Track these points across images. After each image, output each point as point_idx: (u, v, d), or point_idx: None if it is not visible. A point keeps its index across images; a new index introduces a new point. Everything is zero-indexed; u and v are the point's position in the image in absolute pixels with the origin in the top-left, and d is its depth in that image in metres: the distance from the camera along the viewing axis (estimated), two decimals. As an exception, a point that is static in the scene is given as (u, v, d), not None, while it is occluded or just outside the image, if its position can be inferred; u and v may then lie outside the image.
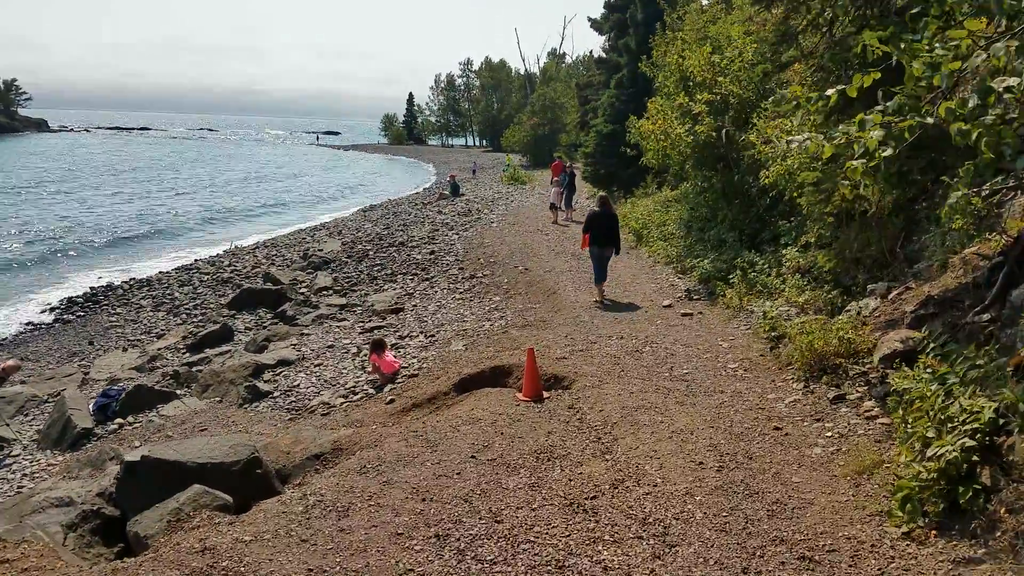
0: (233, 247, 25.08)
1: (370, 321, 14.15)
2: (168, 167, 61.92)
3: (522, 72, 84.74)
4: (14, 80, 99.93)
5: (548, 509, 4.65)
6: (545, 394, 7.50)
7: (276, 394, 10.87)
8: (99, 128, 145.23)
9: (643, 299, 12.37)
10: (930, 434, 4.04)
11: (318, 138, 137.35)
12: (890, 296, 8.20)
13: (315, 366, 11.86)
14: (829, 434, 5.70)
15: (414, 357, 11.21)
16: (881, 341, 6.97)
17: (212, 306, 17.55)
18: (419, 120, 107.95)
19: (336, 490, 4.93)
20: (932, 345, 4.81)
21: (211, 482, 5.53)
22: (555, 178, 24.64)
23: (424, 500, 4.75)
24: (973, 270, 7.28)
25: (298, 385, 11.07)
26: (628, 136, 17.44)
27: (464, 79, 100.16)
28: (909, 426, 4.48)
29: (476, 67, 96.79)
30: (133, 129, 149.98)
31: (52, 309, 18.39)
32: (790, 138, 3.71)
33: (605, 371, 8.34)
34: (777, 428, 5.99)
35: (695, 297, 12.05)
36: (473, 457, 5.48)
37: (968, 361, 4.34)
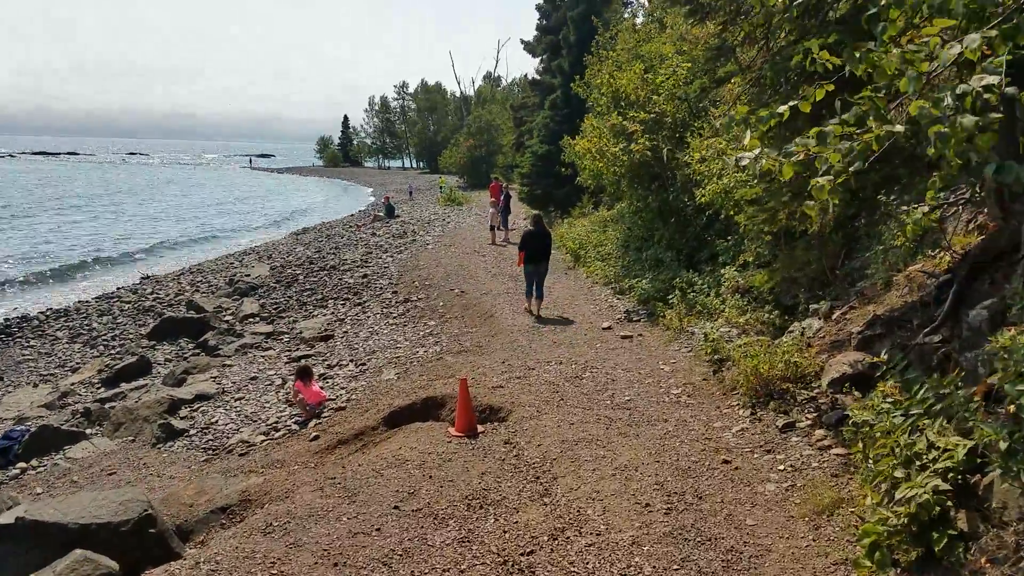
0: (149, 276, 23.74)
1: (297, 349, 13.36)
2: (95, 194, 59.06)
3: (458, 95, 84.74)
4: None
5: (479, 570, 4.09)
6: (480, 428, 6.95)
7: (192, 432, 10.00)
8: (23, 153, 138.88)
9: (582, 321, 11.98)
10: (897, 473, 3.67)
11: (251, 161, 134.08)
12: (834, 316, 7.99)
13: (236, 400, 11.01)
14: (782, 467, 5.32)
15: (342, 388, 10.51)
16: (829, 364, 6.69)
17: (132, 337, 16.37)
18: (355, 142, 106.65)
19: (235, 555, 4.26)
20: (890, 372, 4.49)
21: (97, 545, 4.76)
22: (492, 199, 24.29)
23: (336, 565, 4.13)
24: (919, 288, 7.10)
25: (216, 422, 10.23)
26: (563, 156, 17.20)
27: (400, 101, 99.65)
28: (871, 462, 4.12)
29: (412, 90, 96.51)
30: (60, 154, 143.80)
31: (-40, 343, 16.82)
32: (740, 155, 3.27)
33: (544, 400, 7.85)
34: (726, 461, 5.58)
35: (634, 318, 11.73)
36: (396, 508, 4.87)
37: (932, 390, 4.01)
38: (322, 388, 9.99)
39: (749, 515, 4.64)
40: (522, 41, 29.86)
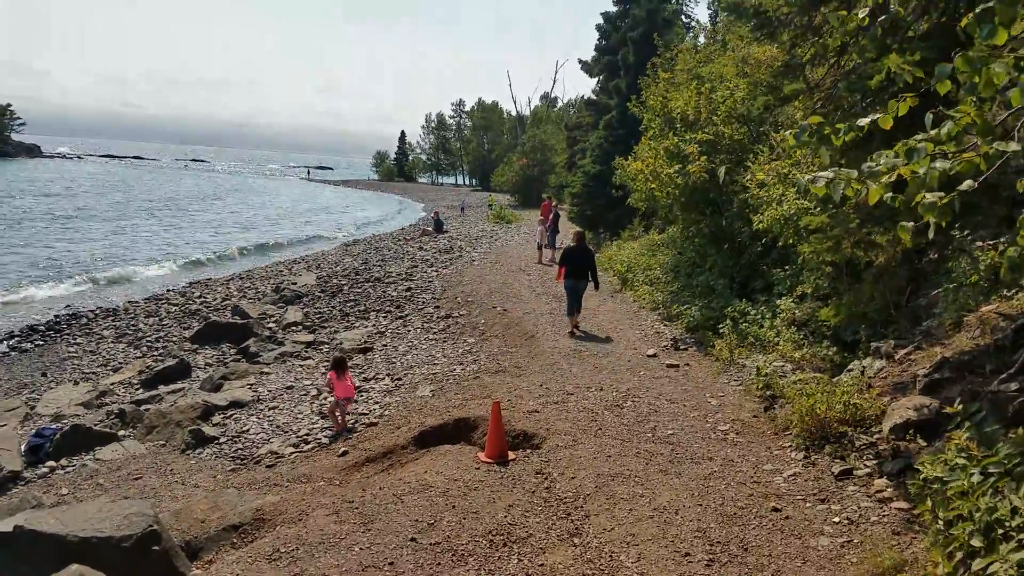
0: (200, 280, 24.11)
1: (336, 361, 13.22)
2: (160, 199, 60.91)
3: (513, 114, 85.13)
4: (8, 105, 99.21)
5: (496, 616, 3.75)
6: (511, 455, 6.61)
7: (223, 440, 9.90)
8: (91, 155, 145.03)
9: (626, 346, 11.54)
10: (975, 542, 3.20)
11: (309, 172, 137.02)
12: (897, 356, 7.42)
13: (269, 409, 10.90)
14: (836, 520, 4.83)
15: (376, 403, 10.31)
16: (891, 408, 6.16)
17: (175, 339, 16.55)
18: (410, 158, 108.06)
19: (238, 580, 4.01)
20: (966, 423, 4.01)
21: (96, 560, 4.55)
22: (541, 217, 24.03)
23: (342, 600, 3.84)
24: (992, 331, 6.53)
25: (248, 430, 10.11)
26: (615, 177, 16.83)
27: (456, 119, 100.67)
28: (941, 523, 3.64)
29: (468, 108, 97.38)
30: (126, 158, 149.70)
31: (10, 336, 17.26)
32: (814, 175, 2.89)
33: (581, 428, 7.46)
34: (776, 509, 5.11)
35: (682, 347, 11.24)
36: (413, 540, 4.57)
37: (1017, 446, 3.53)
38: (357, 387, 9.81)
39: (799, 573, 4.19)
40: (580, 61, 29.70)
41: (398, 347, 13.36)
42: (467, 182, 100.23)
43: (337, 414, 9.36)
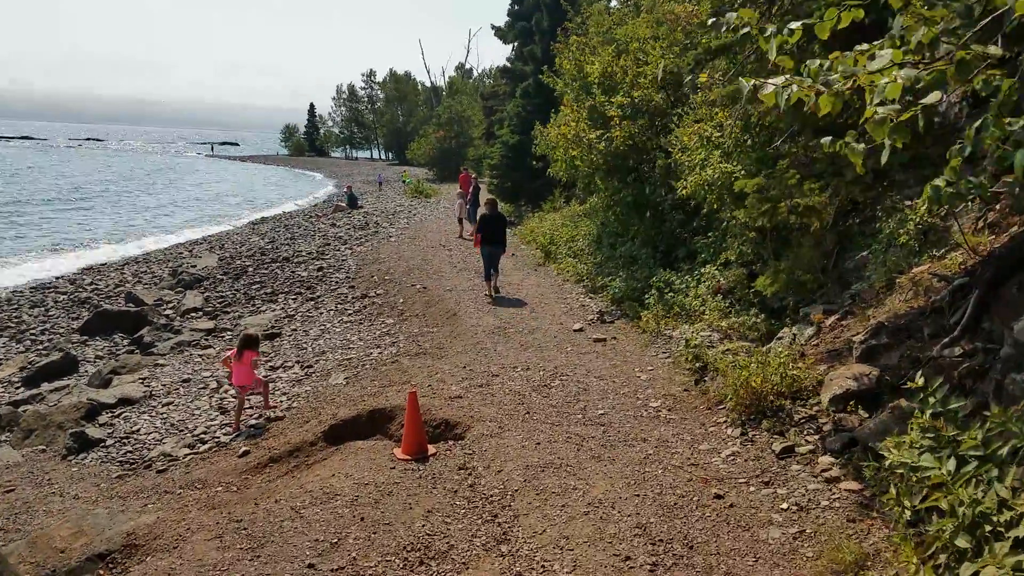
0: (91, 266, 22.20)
1: (240, 348, 12.24)
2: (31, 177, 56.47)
3: (428, 84, 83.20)
4: None
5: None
6: (431, 449, 6.00)
7: (109, 442, 8.92)
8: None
9: (552, 322, 11.08)
10: (961, 542, 2.83)
11: (212, 148, 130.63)
12: (828, 322, 7.19)
13: (163, 406, 9.93)
14: (785, 506, 4.46)
15: (284, 394, 9.52)
16: (829, 378, 5.87)
17: (63, 331, 15.05)
18: (321, 131, 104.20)
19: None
20: (930, 399, 3.65)
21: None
22: (460, 190, 23.29)
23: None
24: (926, 292, 6.33)
25: (138, 430, 9.16)
26: (535, 146, 16.24)
27: (368, 90, 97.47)
28: (910, 516, 3.27)
29: (380, 79, 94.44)
30: (13, 138, 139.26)
31: None
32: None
33: (507, 413, 6.93)
34: (718, 496, 4.71)
35: (608, 319, 10.86)
36: (311, 567, 3.91)
37: (998, 426, 3.17)
38: (265, 378, 8.94)
39: (752, 573, 3.78)
40: (493, 27, 28.79)
41: (309, 331, 12.52)
42: (383, 156, 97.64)
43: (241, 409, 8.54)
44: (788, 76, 2.39)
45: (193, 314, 14.96)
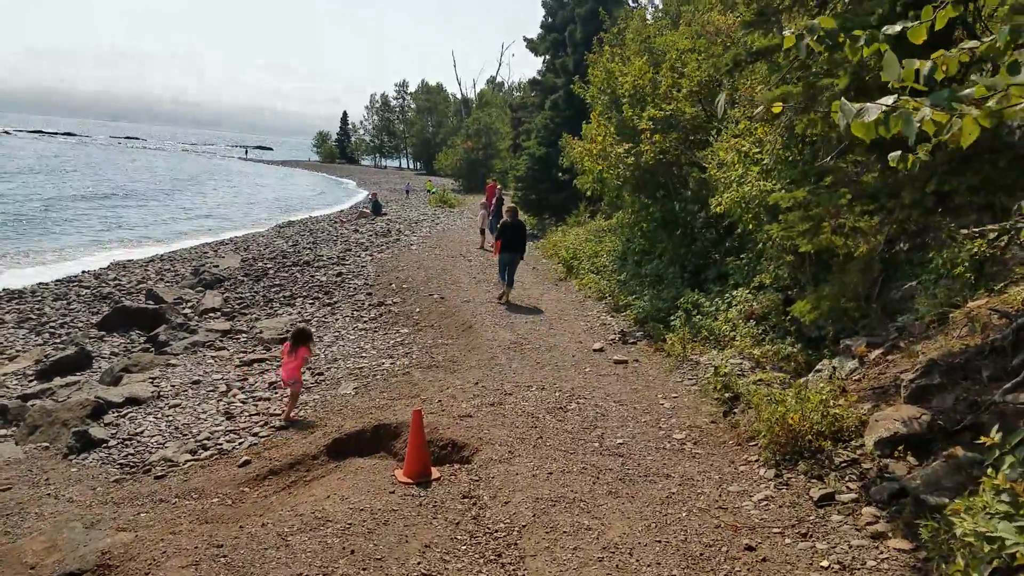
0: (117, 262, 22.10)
1: (253, 352, 11.95)
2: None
3: (458, 96, 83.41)
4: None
5: None
6: (435, 472, 5.56)
7: (112, 443, 8.60)
8: (19, 131, 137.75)
9: (571, 339, 10.61)
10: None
11: (247, 152, 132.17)
12: (871, 356, 6.65)
13: (170, 407, 9.60)
14: (825, 563, 3.94)
15: (291, 401, 9.16)
16: (874, 418, 5.34)
17: (81, 325, 14.86)
18: (352, 139, 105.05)
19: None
20: (1007, 457, 3.13)
21: None
22: (484, 200, 22.95)
23: None
24: (984, 329, 5.79)
25: (142, 432, 8.83)
26: (561, 159, 15.82)
27: (400, 101, 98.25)
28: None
29: (412, 89, 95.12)
30: (58, 134, 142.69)
31: None
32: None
33: (518, 437, 6.46)
34: (750, 548, 4.20)
35: (630, 340, 10.36)
36: (287, 608, 3.49)
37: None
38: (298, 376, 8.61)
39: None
40: (525, 39, 28.50)
41: (323, 337, 12.17)
42: (411, 165, 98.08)
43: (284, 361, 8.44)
44: (896, 98, 1.94)
45: (211, 314, 14.71)
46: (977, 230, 6.48)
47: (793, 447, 5.41)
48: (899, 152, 2.47)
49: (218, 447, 7.98)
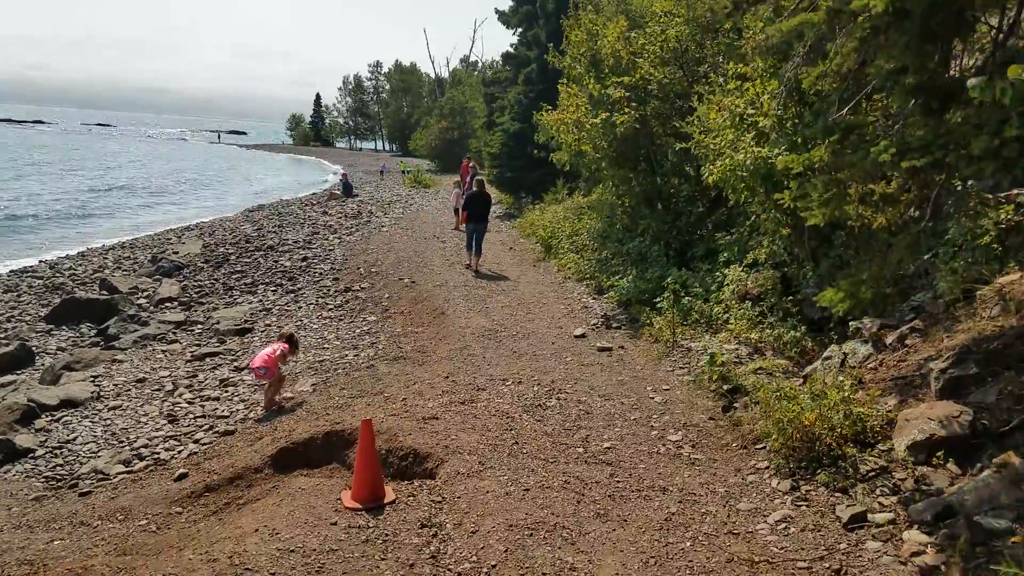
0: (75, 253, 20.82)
1: (207, 344, 11.01)
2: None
3: (432, 76, 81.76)
4: None
5: None
6: (390, 492, 4.70)
7: (40, 452, 7.70)
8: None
9: (550, 324, 9.78)
10: None
11: (219, 136, 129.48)
12: (888, 341, 5.87)
13: (109, 410, 8.68)
14: (870, 612, 3.16)
15: (241, 400, 8.29)
16: (904, 417, 4.55)
17: (29, 318, 13.73)
18: (327, 122, 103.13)
19: None
20: None
21: None
22: (457, 179, 21.97)
23: None
24: (1020, 308, 5.02)
25: (75, 439, 7.93)
26: (536, 134, 14.85)
27: (374, 82, 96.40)
28: None
29: (386, 70, 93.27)
30: (25, 122, 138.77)
31: None
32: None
33: (491, 443, 5.62)
34: (773, 589, 3.41)
35: (614, 325, 9.54)
36: None
37: None
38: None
39: None
40: (496, 11, 27.31)
41: (284, 327, 11.24)
42: (387, 147, 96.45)
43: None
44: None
45: (167, 304, 13.70)
46: (1002, 196, 5.70)
47: (810, 452, 4.62)
48: (983, 78, 1.63)
49: (155, 456, 7.09)
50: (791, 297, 7.81)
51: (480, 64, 71.21)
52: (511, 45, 26.57)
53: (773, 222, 7.93)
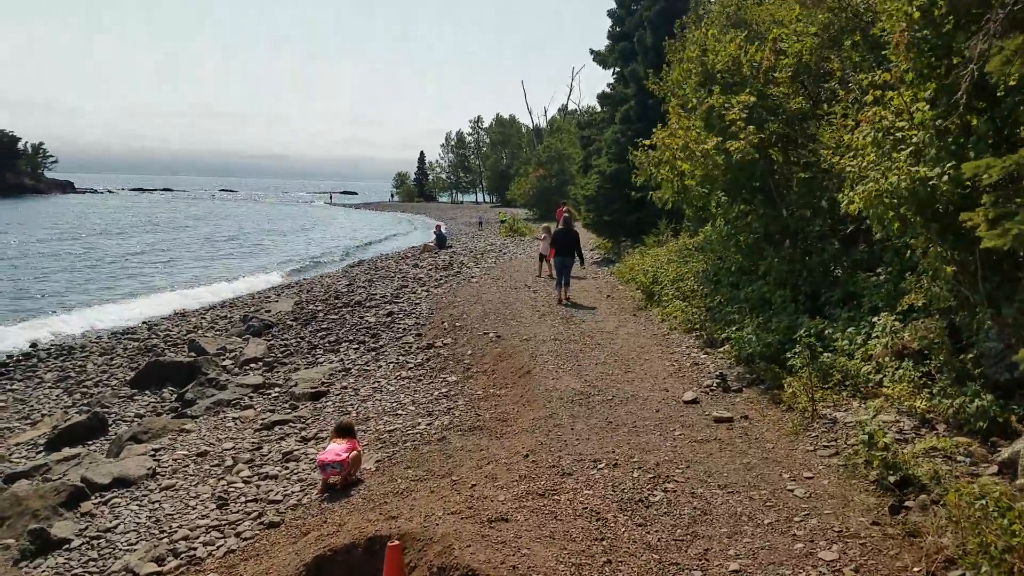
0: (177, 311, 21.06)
1: (279, 411, 10.21)
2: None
3: (530, 126, 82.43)
4: (41, 144, 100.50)
5: None
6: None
7: (76, 543, 6.93)
8: (122, 189, 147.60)
9: (653, 386, 8.27)
10: None
11: (331, 197, 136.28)
12: None
13: (161, 489, 7.88)
14: None
15: (299, 480, 7.28)
16: None
17: (116, 383, 13.51)
18: (430, 177, 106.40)
19: None
20: None
21: None
22: (545, 225, 20.85)
23: None
24: None
25: (116, 526, 7.11)
26: (633, 174, 13.41)
27: (474, 136, 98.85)
28: None
29: (486, 124, 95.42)
30: (155, 190, 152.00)
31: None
32: None
33: (574, 562, 4.22)
34: None
35: (733, 388, 7.91)
36: None
37: None
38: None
39: None
40: (592, 51, 26.40)
41: (360, 390, 10.32)
42: (487, 198, 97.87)
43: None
44: None
45: (252, 364, 13.15)
46: None
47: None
48: None
49: (191, 553, 6.10)
50: (964, 354, 6.01)
51: (577, 111, 70.99)
52: (607, 85, 25.50)
53: (936, 258, 6.22)
